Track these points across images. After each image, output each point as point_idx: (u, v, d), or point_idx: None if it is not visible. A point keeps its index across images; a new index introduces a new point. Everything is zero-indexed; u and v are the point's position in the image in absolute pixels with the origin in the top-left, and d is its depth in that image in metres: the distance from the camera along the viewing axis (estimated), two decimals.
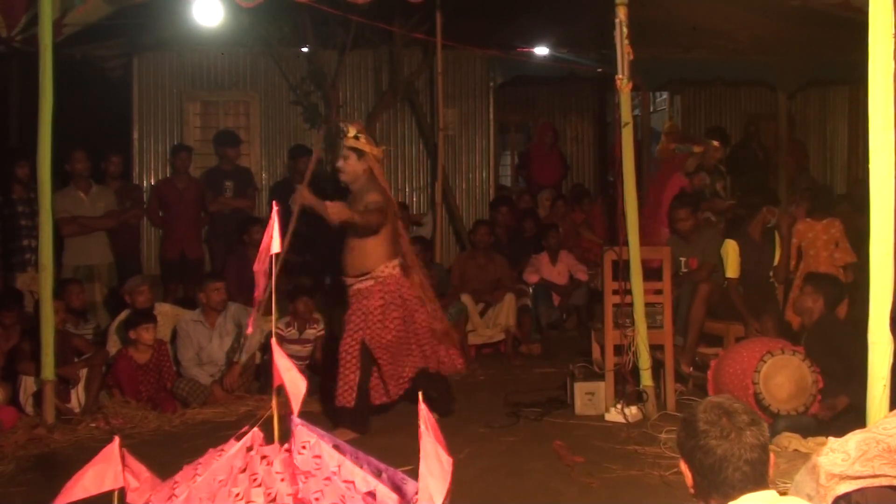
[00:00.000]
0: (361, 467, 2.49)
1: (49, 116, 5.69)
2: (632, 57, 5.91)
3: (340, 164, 5.81)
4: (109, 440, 2.50)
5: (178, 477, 2.42)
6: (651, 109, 12.19)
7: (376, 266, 5.74)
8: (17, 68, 10.14)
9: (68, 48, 7.73)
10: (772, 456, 2.23)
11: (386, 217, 5.71)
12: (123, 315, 7.02)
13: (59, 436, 5.79)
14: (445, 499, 2.12)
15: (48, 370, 5.89)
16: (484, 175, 10.36)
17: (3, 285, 7.44)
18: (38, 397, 6.13)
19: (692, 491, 2.27)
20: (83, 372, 6.48)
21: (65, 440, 5.76)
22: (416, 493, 2.53)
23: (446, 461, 2.12)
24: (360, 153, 5.77)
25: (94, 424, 6.08)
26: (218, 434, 5.76)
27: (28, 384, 6.28)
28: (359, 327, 5.71)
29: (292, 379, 2.39)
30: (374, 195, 5.69)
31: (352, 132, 5.76)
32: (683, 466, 2.28)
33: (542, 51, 10.37)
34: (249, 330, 2.65)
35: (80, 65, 9.30)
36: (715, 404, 2.26)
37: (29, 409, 6.24)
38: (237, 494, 2.37)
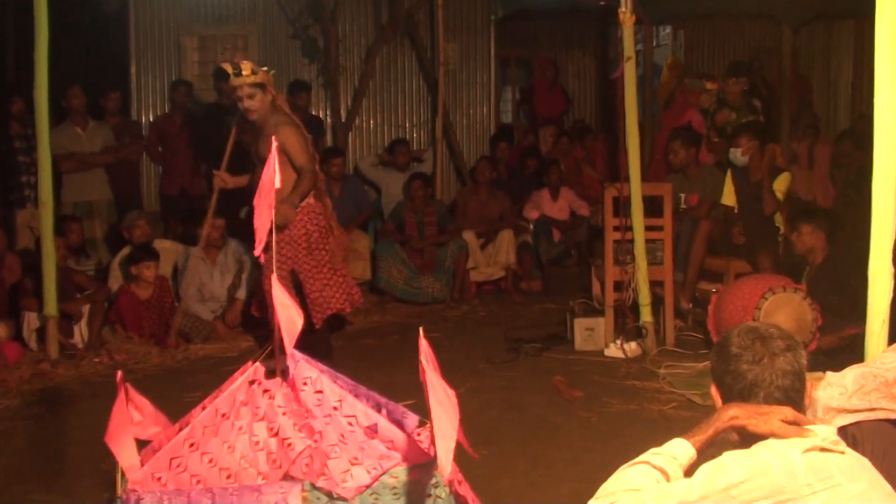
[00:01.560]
0: (362, 402, 2.51)
1: (45, 51, 5.61)
2: None
3: (248, 104, 5.64)
4: (113, 375, 2.51)
5: (189, 417, 2.44)
6: (654, 44, 12.02)
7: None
8: (12, 3, 10.00)
9: None
10: (808, 384, 2.18)
11: (313, 162, 5.73)
12: (125, 251, 7.02)
13: (62, 371, 5.84)
14: (458, 428, 2.13)
15: (51, 306, 5.91)
16: (485, 111, 10.28)
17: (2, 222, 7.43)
18: (41, 333, 6.17)
19: None
20: (86, 308, 6.52)
21: (68, 375, 5.80)
22: (418, 427, 2.56)
23: (451, 395, 2.14)
24: (262, 86, 5.65)
25: (97, 359, 6.13)
26: (220, 369, 5.83)
27: (31, 320, 6.32)
28: (287, 257, 5.69)
29: (289, 316, 2.40)
30: (288, 131, 5.62)
31: (247, 69, 5.59)
32: (714, 391, 2.23)
33: None
34: (257, 252, 2.62)
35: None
36: (751, 328, 2.20)
37: (32, 344, 6.29)
38: (240, 427, 2.40)
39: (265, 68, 5.70)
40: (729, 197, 6.83)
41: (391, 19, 9.78)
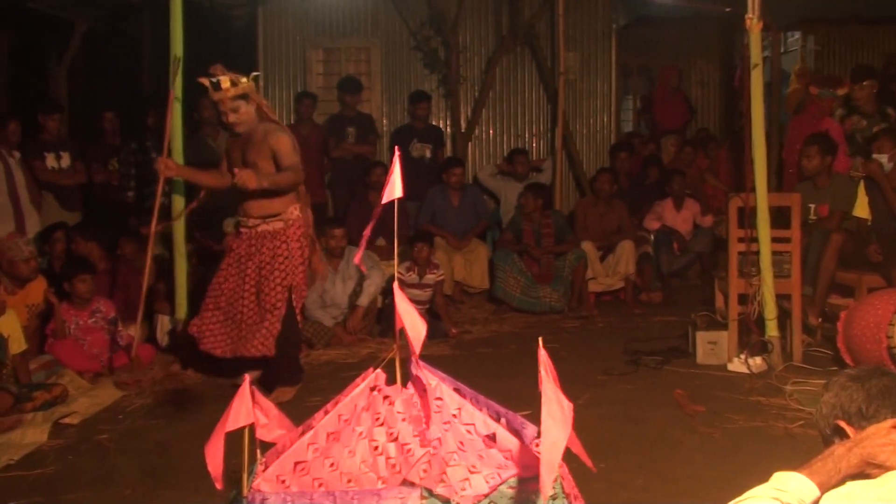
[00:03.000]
0: (481, 410, 2.52)
1: (180, 64, 5.88)
2: None
3: (232, 118, 5.33)
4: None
5: (311, 420, 2.50)
6: (782, 50, 11.66)
7: (286, 207, 5.43)
8: (149, 18, 10.48)
9: None
10: None
11: (300, 172, 5.40)
12: None
13: (191, 372, 6.05)
14: (569, 443, 2.12)
15: (181, 310, 6.15)
16: (605, 120, 10.18)
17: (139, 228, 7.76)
18: (173, 335, 6.42)
19: None
20: None
21: (197, 377, 6.00)
22: (536, 438, 2.55)
23: (567, 406, 2.12)
24: (246, 97, 5.32)
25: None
26: (341, 375, 5.94)
27: (164, 323, 6.58)
28: (287, 273, 5.35)
29: (413, 322, 2.42)
30: (281, 137, 5.33)
31: (226, 83, 5.24)
32: (843, 424, 2.15)
33: None
34: (357, 260, 2.61)
35: (208, 13, 9.53)
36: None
37: (165, 346, 6.54)
38: (360, 433, 2.44)
39: (245, 78, 5.35)
40: (862, 208, 6.56)
41: (511, 29, 9.80)
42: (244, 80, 5.33)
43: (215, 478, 2.31)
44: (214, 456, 2.30)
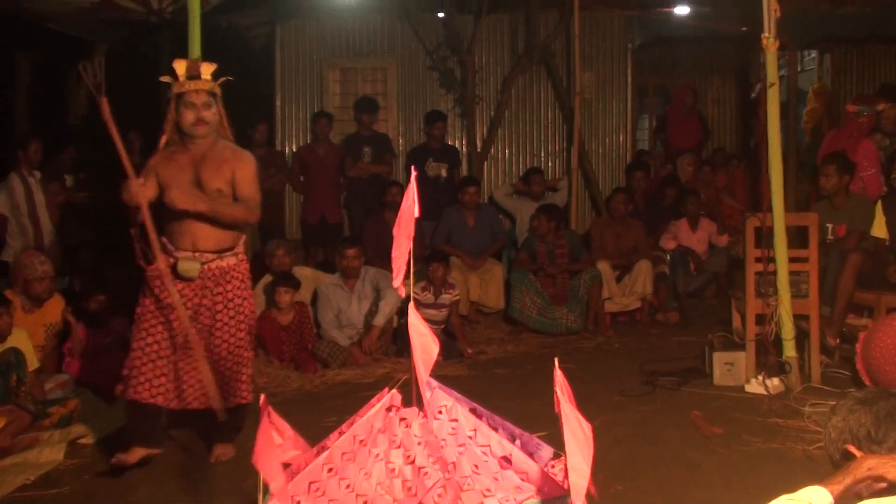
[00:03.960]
0: (497, 431, 2.51)
1: None
2: (778, 14, 5.67)
3: (204, 114, 4.42)
4: (255, 399, 2.60)
5: (326, 441, 2.50)
6: (798, 69, 11.65)
7: (238, 239, 4.62)
8: (168, 38, 10.57)
9: (215, 17, 8.00)
10: None
11: (256, 211, 4.55)
12: (267, 278, 7.26)
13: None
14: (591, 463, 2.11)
15: None
16: (621, 139, 10.18)
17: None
18: None
19: None
20: None
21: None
22: (552, 459, 2.54)
23: (587, 427, 2.11)
24: (216, 97, 4.51)
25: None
26: (357, 395, 5.94)
27: None
28: (247, 313, 4.62)
29: (424, 344, 2.42)
30: (250, 165, 4.54)
31: (206, 72, 4.45)
32: (853, 449, 2.16)
33: (682, 10, 10.06)
34: (395, 284, 2.47)
35: (226, 34, 9.61)
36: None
37: None
38: (377, 455, 2.44)
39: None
40: (880, 228, 6.51)
41: (527, 49, 9.83)
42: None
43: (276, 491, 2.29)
44: (268, 467, 2.28)
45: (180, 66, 4.40)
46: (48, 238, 7.53)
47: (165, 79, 4.43)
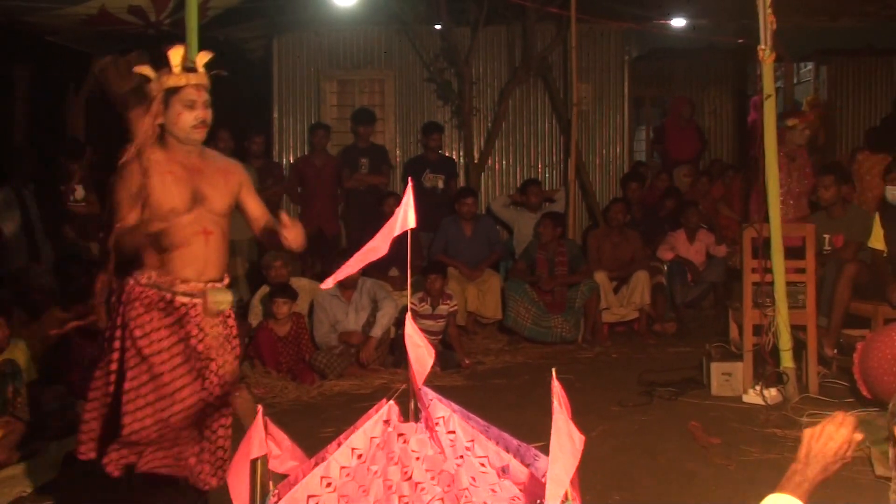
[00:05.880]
0: (494, 442, 2.50)
1: None
2: (774, 26, 5.69)
3: (205, 115, 3.72)
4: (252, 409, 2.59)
5: (324, 452, 2.49)
6: (795, 81, 11.70)
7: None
8: (166, 52, 10.57)
9: (212, 30, 8.02)
10: None
11: None
12: (264, 289, 7.26)
13: None
14: (573, 477, 2.10)
15: None
16: (618, 150, 10.19)
17: None
18: None
19: None
20: None
21: None
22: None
23: (578, 438, 2.10)
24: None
25: (236, 394, 6.30)
26: (354, 406, 5.93)
27: None
28: (236, 352, 3.86)
29: (419, 356, 2.41)
30: (249, 179, 3.95)
31: (202, 63, 3.76)
32: None
33: (679, 22, 10.10)
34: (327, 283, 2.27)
35: (224, 46, 9.62)
36: None
37: None
38: (375, 471, 2.43)
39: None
40: (878, 240, 6.52)
41: (524, 61, 9.85)
42: None
43: None
44: (237, 486, 2.28)
45: (177, 54, 3.65)
46: (43, 250, 7.52)
47: (144, 69, 3.65)
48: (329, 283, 2.65)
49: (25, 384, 5.46)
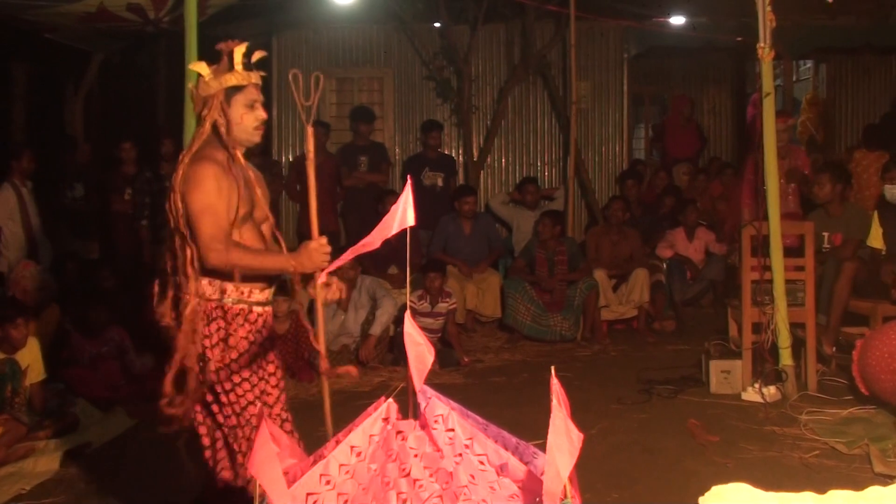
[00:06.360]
0: (493, 440, 2.50)
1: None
2: (774, 24, 5.69)
3: (265, 115, 3.56)
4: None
5: (323, 450, 2.49)
6: (794, 79, 11.71)
7: None
8: (164, 48, 10.58)
9: (211, 28, 8.01)
10: None
11: None
12: None
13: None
14: (571, 475, 2.10)
15: None
16: (617, 148, 10.20)
17: (153, 258, 7.81)
18: None
19: None
20: None
21: None
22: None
23: (576, 437, 2.10)
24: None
25: None
26: (353, 403, 5.92)
27: None
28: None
29: (419, 353, 2.41)
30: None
31: (257, 57, 3.58)
32: None
33: (678, 20, 10.10)
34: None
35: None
36: None
37: None
38: (375, 469, 2.43)
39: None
40: (877, 239, 6.52)
41: (524, 59, 9.85)
42: None
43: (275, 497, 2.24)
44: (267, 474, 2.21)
45: (240, 51, 3.46)
46: (42, 248, 7.51)
47: (200, 67, 3.42)
48: (322, 277, 2.68)
49: (36, 383, 5.46)
